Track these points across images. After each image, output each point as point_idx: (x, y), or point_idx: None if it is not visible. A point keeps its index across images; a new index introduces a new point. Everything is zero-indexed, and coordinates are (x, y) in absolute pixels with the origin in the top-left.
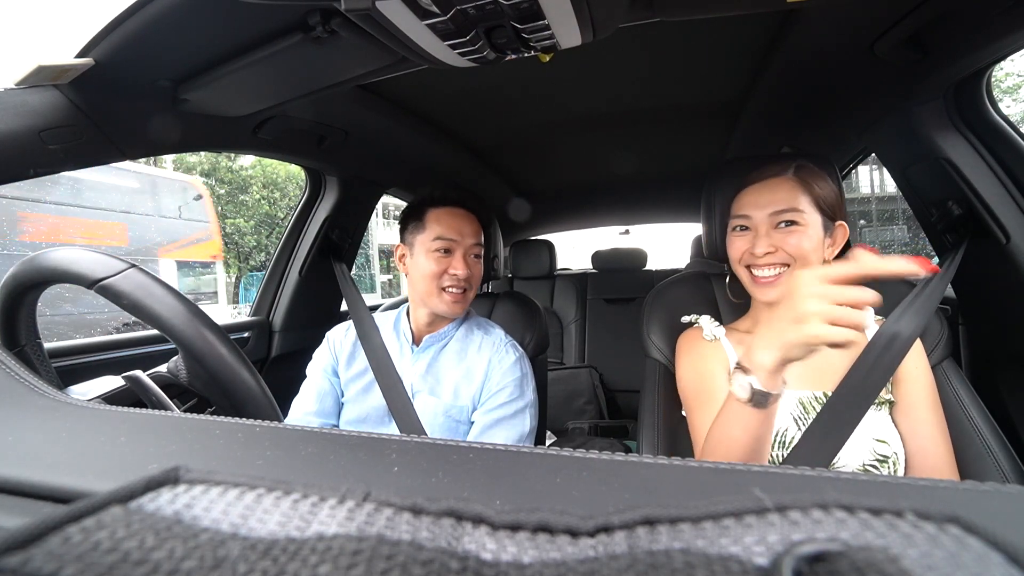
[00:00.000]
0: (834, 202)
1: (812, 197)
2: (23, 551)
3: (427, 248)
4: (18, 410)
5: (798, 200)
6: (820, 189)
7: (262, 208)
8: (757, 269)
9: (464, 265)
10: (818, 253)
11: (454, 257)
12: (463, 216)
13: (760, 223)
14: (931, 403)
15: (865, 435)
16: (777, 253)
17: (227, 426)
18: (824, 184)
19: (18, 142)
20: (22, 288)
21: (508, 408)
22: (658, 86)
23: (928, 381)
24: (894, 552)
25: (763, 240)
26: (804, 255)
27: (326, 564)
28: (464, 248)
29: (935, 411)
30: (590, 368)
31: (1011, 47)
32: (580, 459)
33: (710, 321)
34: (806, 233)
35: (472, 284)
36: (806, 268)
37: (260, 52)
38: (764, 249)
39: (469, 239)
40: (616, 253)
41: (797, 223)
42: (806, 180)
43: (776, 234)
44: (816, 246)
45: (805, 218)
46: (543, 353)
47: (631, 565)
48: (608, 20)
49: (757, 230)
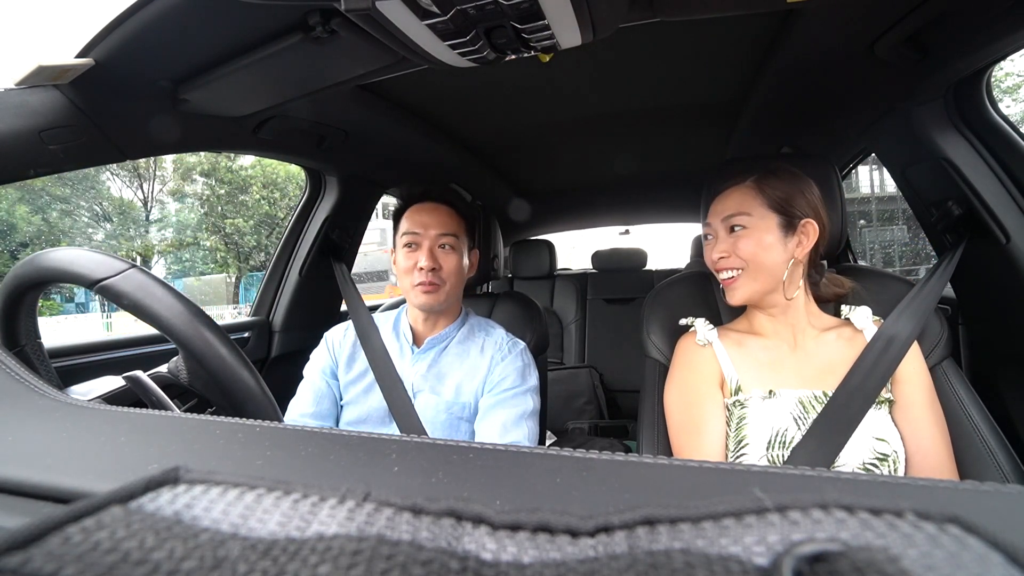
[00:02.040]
0: (793, 200)
1: (765, 199)
2: (23, 551)
3: (399, 245)
4: (18, 410)
5: (748, 204)
6: (774, 189)
7: (262, 208)
8: (719, 272)
9: (429, 257)
10: (774, 252)
11: (421, 249)
12: (429, 209)
13: (718, 229)
14: (929, 403)
15: (865, 434)
16: (730, 258)
17: (227, 426)
18: (779, 184)
19: (18, 142)
20: (22, 288)
21: (510, 392)
22: (658, 86)
23: (926, 381)
24: (894, 552)
25: (719, 245)
26: (753, 257)
27: (326, 564)
28: (430, 240)
29: (933, 411)
30: (590, 368)
31: (1011, 47)
32: (580, 459)
33: (704, 324)
34: (753, 236)
35: (445, 276)
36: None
37: (260, 52)
38: (718, 254)
39: (434, 230)
40: (616, 253)
41: (744, 226)
42: (760, 184)
43: (729, 239)
44: (769, 246)
45: (752, 221)
46: (543, 353)
47: (631, 565)
48: (608, 20)
49: (717, 236)
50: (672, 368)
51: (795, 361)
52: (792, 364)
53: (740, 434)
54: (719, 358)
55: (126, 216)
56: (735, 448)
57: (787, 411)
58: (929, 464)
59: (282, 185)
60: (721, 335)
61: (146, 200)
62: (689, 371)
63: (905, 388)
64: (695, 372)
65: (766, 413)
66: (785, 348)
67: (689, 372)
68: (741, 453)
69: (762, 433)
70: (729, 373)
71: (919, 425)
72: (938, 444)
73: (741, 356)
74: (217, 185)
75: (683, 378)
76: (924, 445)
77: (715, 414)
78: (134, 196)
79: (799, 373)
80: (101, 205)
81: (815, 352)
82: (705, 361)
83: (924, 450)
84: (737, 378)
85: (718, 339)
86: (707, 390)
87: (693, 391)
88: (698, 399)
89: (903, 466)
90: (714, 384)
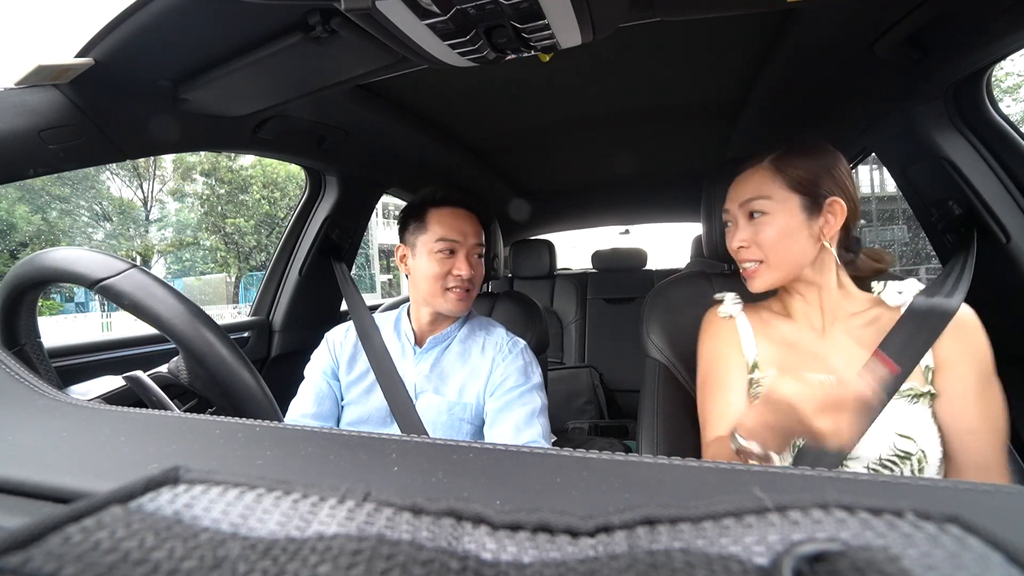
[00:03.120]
0: (817, 179)
1: (786, 179)
2: (23, 551)
3: (430, 249)
4: (18, 410)
5: (767, 187)
6: (796, 169)
7: (262, 208)
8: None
9: (468, 266)
10: (798, 238)
11: (458, 258)
12: (465, 216)
13: (737, 215)
14: (975, 394)
15: (887, 428)
16: (750, 248)
17: (227, 426)
18: (801, 162)
19: (18, 142)
20: (23, 287)
21: (515, 391)
22: (658, 86)
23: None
24: (894, 552)
25: (738, 233)
26: (775, 246)
27: (326, 564)
28: (467, 248)
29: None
30: (590, 368)
31: (1011, 47)
32: (580, 459)
33: (733, 298)
34: (774, 222)
35: (475, 283)
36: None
37: (260, 52)
38: (738, 243)
39: (472, 239)
40: (616, 253)
41: (763, 212)
42: (779, 164)
43: (749, 226)
44: (792, 232)
45: (773, 205)
46: (543, 353)
47: (631, 565)
48: (608, 20)
49: (736, 222)
50: (699, 339)
51: (823, 347)
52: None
53: None
54: (740, 332)
55: (126, 216)
56: None
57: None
58: (973, 463)
59: (282, 185)
60: (748, 311)
61: (146, 200)
62: (711, 339)
63: (948, 376)
64: (717, 338)
65: None
66: (813, 333)
67: (711, 340)
68: None
69: None
70: (748, 349)
71: (962, 419)
72: (982, 442)
73: (764, 334)
74: (217, 185)
75: (706, 346)
76: (967, 442)
77: (738, 373)
78: (134, 196)
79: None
80: (101, 205)
81: (843, 337)
82: (728, 330)
83: (968, 448)
84: (755, 355)
85: (742, 313)
86: (730, 354)
87: (714, 354)
88: (720, 360)
89: (932, 468)
90: (737, 350)
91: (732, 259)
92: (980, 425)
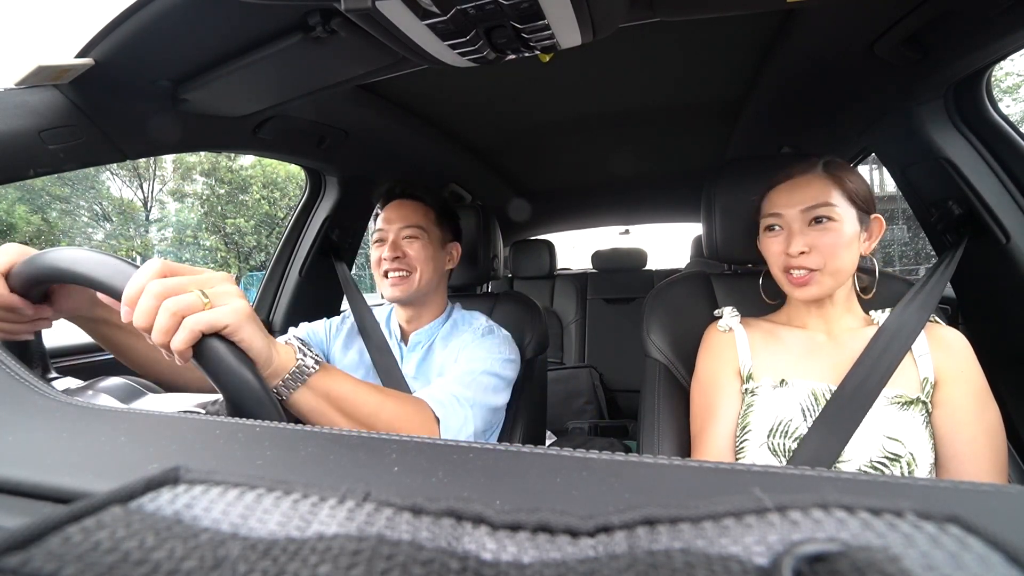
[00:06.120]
0: (867, 195)
1: (844, 191)
2: (23, 551)
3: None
4: (18, 410)
5: (829, 194)
6: (852, 183)
7: (262, 208)
8: (789, 270)
9: (392, 247)
10: (853, 250)
11: (386, 244)
12: (395, 206)
13: (792, 221)
14: (975, 407)
15: (876, 431)
16: (811, 255)
17: (227, 426)
18: (855, 178)
19: (18, 142)
20: (27, 285)
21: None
22: (658, 86)
23: (972, 385)
24: (894, 552)
25: (798, 239)
26: (835, 254)
27: (326, 564)
28: (394, 233)
29: (979, 416)
30: (590, 368)
31: (1011, 47)
32: (580, 459)
33: (731, 312)
34: (840, 230)
35: (411, 266)
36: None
37: (260, 52)
38: (799, 248)
39: (397, 224)
40: (616, 253)
41: (831, 218)
42: (837, 174)
43: (810, 232)
44: (850, 243)
45: (838, 212)
46: (543, 353)
47: (631, 565)
48: (608, 20)
49: (790, 228)
50: (697, 356)
51: (823, 355)
52: (818, 357)
53: (745, 421)
54: (738, 344)
55: (126, 216)
56: (740, 435)
57: (796, 402)
58: (967, 471)
59: (282, 185)
60: (747, 324)
61: (146, 200)
62: (708, 356)
63: (947, 389)
64: (714, 357)
65: (773, 402)
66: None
67: (708, 357)
68: (744, 439)
69: (765, 421)
70: (744, 360)
71: (959, 430)
72: (979, 451)
73: (761, 345)
74: (217, 185)
75: (703, 363)
76: (963, 451)
77: (729, 399)
78: (134, 196)
79: (823, 367)
80: (101, 205)
81: (843, 348)
82: (724, 347)
83: (962, 456)
84: (751, 365)
85: (740, 326)
86: (723, 375)
87: (710, 375)
88: (714, 383)
89: (921, 469)
90: (731, 370)
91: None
92: (977, 435)
